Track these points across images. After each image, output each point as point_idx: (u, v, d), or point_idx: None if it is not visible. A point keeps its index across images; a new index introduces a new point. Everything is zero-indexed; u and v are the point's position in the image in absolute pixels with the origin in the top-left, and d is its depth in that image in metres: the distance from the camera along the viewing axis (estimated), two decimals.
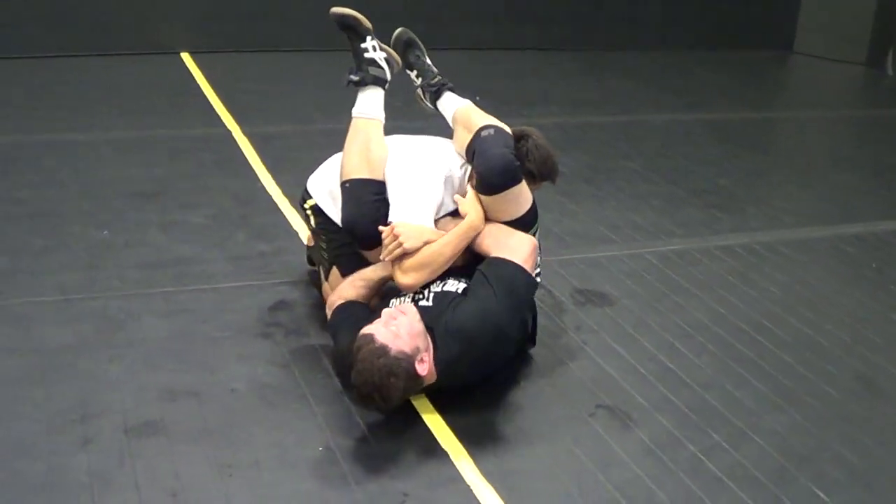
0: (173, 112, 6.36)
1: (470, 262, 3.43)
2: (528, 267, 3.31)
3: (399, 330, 3.01)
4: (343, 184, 3.58)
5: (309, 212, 3.76)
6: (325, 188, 3.72)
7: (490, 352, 3.22)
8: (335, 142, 5.77)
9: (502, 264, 3.27)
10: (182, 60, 7.70)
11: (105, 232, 4.45)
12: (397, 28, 4.01)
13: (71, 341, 3.50)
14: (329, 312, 3.48)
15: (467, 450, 3.04)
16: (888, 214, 5.55)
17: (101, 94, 6.73)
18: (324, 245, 3.75)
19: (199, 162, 5.44)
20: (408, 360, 2.98)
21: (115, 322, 3.66)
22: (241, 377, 3.37)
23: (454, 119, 3.74)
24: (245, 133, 5.97)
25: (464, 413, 3.22)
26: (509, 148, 3.43)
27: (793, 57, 10.11)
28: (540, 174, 3.65)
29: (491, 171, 3.37)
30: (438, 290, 3.31)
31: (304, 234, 4.46)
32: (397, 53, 3.97)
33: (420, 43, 3.99)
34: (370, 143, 3.61)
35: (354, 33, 3.83)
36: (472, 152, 3.46)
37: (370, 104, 3.74)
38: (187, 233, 4.52)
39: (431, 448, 3.05)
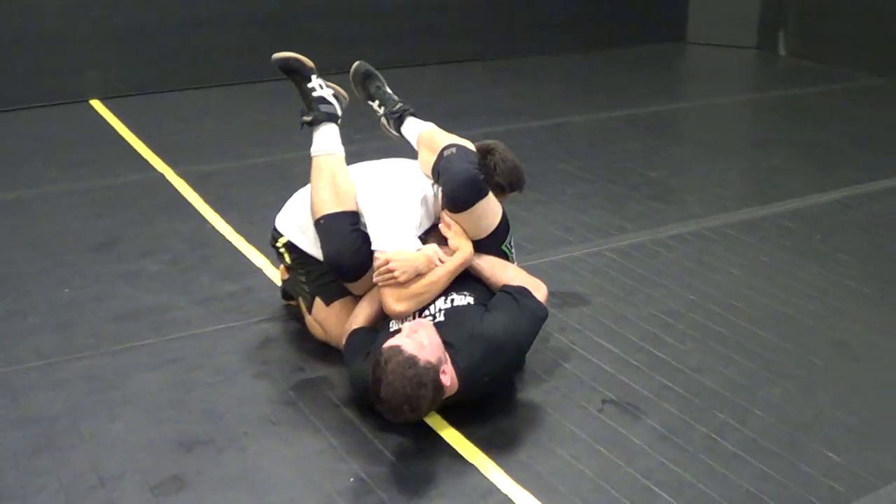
0: (102, 160, 6.22)
1: (463, 278, 3.49)
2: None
3: (423, 340, 3.04)
4: (317, 221, 3.58)
5: (282, 249, 3.80)
6: (294, 224, 3.75)
7: (509, 363, 3.31)
8: (273, 175, 5.89)
9: (529, 295, 3.40)
10: (93, 108, 7.54)
11: (66, 290, 4.35)
12: (354, 61, 4.09)
13: (65, 405, 3.41)
14: (342, 340, 3.52)
15: (494, 460, 3.08)
16: (816, 189, 5.78)
17: (23, 149, 6.55)
18: (303, 279, 3.76)
19: (143, 208, 5.35)
20: (435, 370, 3.00)
21: (104, 381, 3.59)
22: (250, 420, 3.34)
23: (418, 141, 3.79)
24: (179, 174, 5.89)
25: (479, 425, 3.26)
26: (473, 164, 3.48)
27: (687, 47, 10.40)
28: (509, 185, 3.74)
29: (456, 188, 3.43)
30: (448, 306, 3.35)
31: (273, 271, 4.46)
32: (357, 86, 4.04)
33: (378, 74, 4.04)
34: (335, 177, 3.61)
35: (299, 75, 3.85)
36: (438, 173, 3.51)
37: (327, 140, 3.73)
38: (150, 281, 4.45)
39: (458, 463, 3.09)
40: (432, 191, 3.62)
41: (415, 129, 3.84)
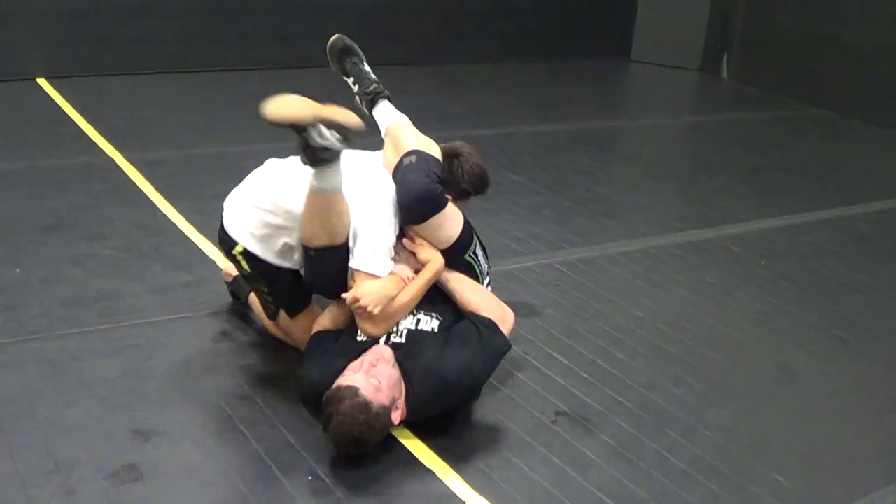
0: (49, 141, 6.12)
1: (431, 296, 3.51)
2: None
3: (380, 382, 3.04)
4: (306, 248, 3.39)
5: (239, 257, 3.56)
6: (245, 231, 3.51)
7: (462, 398, 3.33)
8: (221, 166, 5.87)
9: (495, 330, 3.38)
10: (40, 87, 7.41)
11: (17, 270, 4.28)
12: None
13: (19, 388, 3.36)
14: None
15: (451, 467, 3.12)
16: (761, 214, 5.94)
17: None
18: (265, 289, 3.62)
19: (91, 192, 5.28)
20: (386, 414, 3.04)
21: (57, 365, 3.54)
22: (207, 412, 3.33)
23: (386, 133, 3.74)
24: (128, 160, 5.82)
25: (437, 432, 3.28)
26: (430, 175, 3.42)
27: (631, 65, 10.57)
28: (474, 190, 3.73)
29: (410, 202, 3.39)
30: (412, 327, 3.35)
31: (223, 262, 4.43)
32: (333, 59, 3.95)
33: (357, 49, 3.95)
34: (330, 215, 3.31)
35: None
36: (396, 181, 3.46)
37: (323, 179, 3.25)
38: (102, 266, 4.40)
39: (417, 468, 3.11)
40: None
41: (386, 117, 3.78)
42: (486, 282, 3.72)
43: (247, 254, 3.51)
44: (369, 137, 3.47)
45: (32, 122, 6.52)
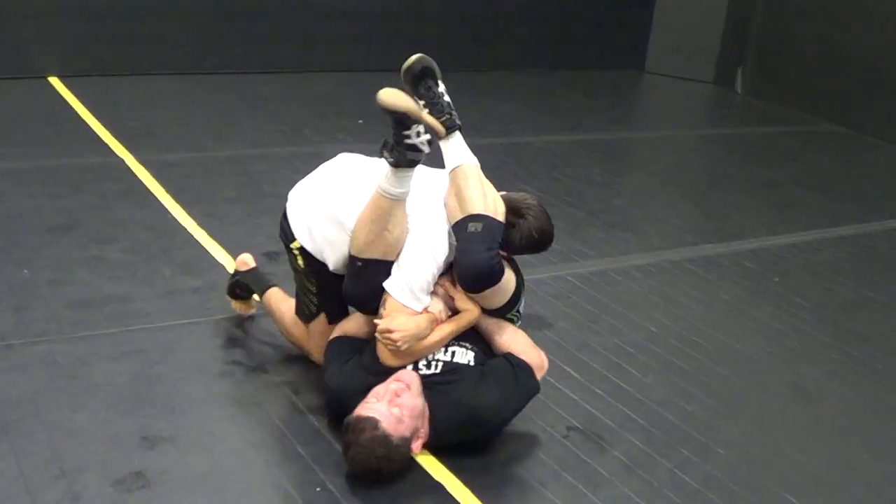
0: (61, 141, 6.10)
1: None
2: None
3: (402, 413, 3.01)
4: (354, 259, 3.33)
5: (296, 252, 3.52)
6: (308, 230, 3.47)
7: (485, 434, 3.27)
8: (234, 170, 5.84)
9: (530, 373, 3.32)
10: (52, 86, 7.39)
11: (25, 271, 4.25)
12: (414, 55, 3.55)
13: (25, 391, 3.33)
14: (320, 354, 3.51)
15: (461, 480, 3.09)
16: (775, 230, 5.90)
17: None
18: (314, 289, 3.55)
19: (103, 193, 5.26)
20: (406, 445, 3.02)
21: (66, 368, 3.51)
22: (216, 419, 3.30)
23: (453, 176, 3.40)
24: (140, 161, 5.79)
25: (448, 447, 3.22)
26: (492, 249, 3.24)
27: (646, 76, 10.53)
28: (529, 251, 3.55)
29: (467, 276, 3.27)
30: (448, 358, 3.28)
31: (230, 265, 4.41)
32: (407, 83, 3.55)
33: (435, 70, 3.52)
34: (388, 223, 3.25)
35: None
36: (456, 248, 3.32)
37: (397, 183, 3.22)
38: (111, 269, 4.37)
39: (426, 481, 3.08)
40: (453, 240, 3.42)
41: (454, 155, 3.43)
42: (518, 322, 3.59)
43: (304, 251, 3.48)
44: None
45: (44, 122, 6.50)
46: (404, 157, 3.15)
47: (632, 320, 4.42)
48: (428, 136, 3.18)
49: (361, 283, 3.33)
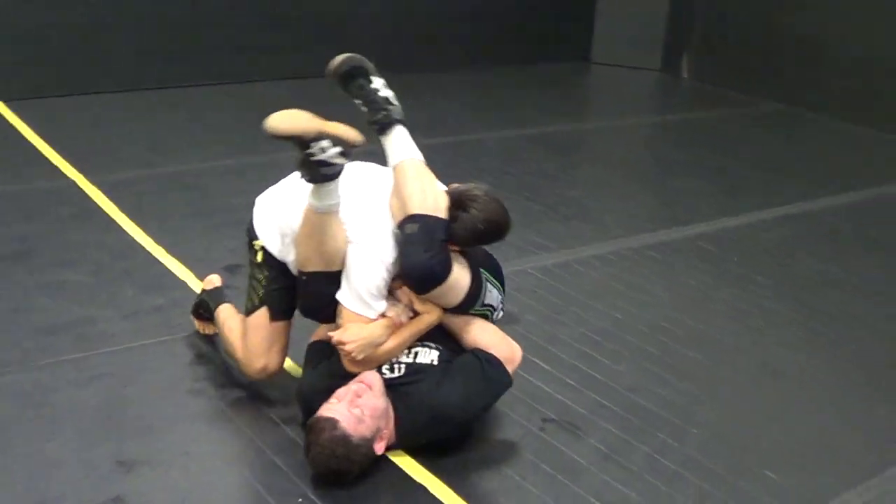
0: (8, 166, 6.00)
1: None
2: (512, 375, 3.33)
3: (363, 413, 2.99)
4: (300, 273, 3.36)
5: (257, 248, 3.50)
6: (268, 234, 3.46)
7: (453, 431, 3.25)
8: (186, 185, 5.79)
9: (498, 366, 3.26)
10: None
11: None
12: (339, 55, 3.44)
13: None
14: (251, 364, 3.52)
15: (442, 479, 3.09)
16: (728, 212, 5.97)
17: None
18: (263, 281, 3.51)
19: (57, 217, 5.19)
20: (367, 446, 3.00)
21: (33, 397, 3.46)
22: (190, 438, 3.27)
23: (394, 175, 3.33)
24: (92, 182, 5.72)
25: (425, 447, 3.22)
26: (432, 249, 3.16)
27: (592, 67, 10.59)
28: (477, 241, 3.38)
29: (411, 281, 3.23)
30: (410, 360, 3.26)
31: (195, 283, 4.39)
32: (338, 84, 3.48)
33: (364, 68, 3.41)
34: (323, 236, 3.24)
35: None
36: (398, 248, 3.25)
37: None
38: (72, 293, 4.32)
39: (406, 483, 3.08)
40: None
41: (395, 151, 3.35)
42: (498, 310, 3.56)
43: (265, 250, 3.47)
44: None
45: None
46: (318, 174, 3.10)
47: (597, 309, 4.45)
48: (338, 149, 3.08)
49: (310, 295, 3.35)
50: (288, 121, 3.06)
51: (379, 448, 3.05)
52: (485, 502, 3.00)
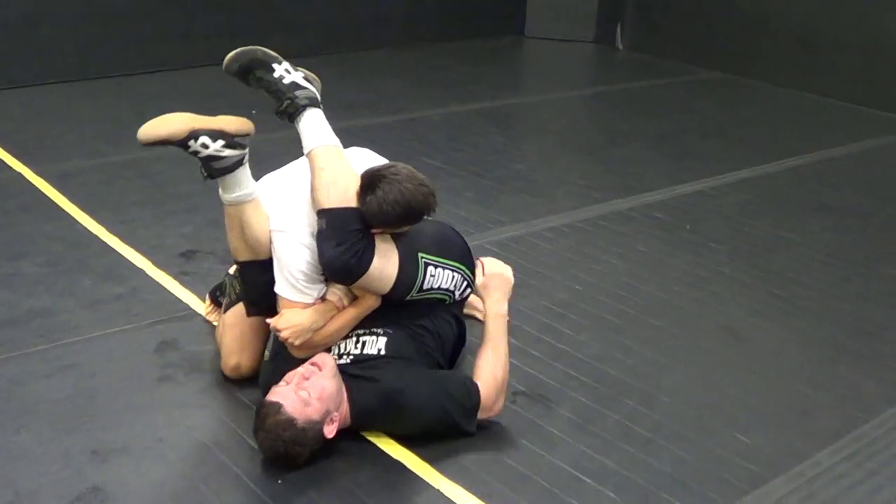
0: None
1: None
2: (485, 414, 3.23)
3: (309, 395, 2.94)
4: (235, 264, 3.51)
5: None
6: None
7: (404, 422, 3.18)
8: (135, 173, 5.73)
9: (470, 413, 3.17)
10: None
11: None
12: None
13: None
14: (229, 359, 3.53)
15: (419, 456, 3.11)
16: (676, 179, 6.04)
17: None
18: (238, 279, 3.56)
19: (5, 209, 5.09)
20: (315, 429, 2.95)
21: (0, 391, 3.42)
22: (164, 424, 3.25)
23: (309, 158, 3.25)
24: (38, 174, 5.62)
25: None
26: (344, 244, 3.09)
27: (526, 41, 10.61)
28: (393, 226, 3.22)
29: (331, 275, 3.22)
30: (357, 351, 3.23)
31: (156, 271, 4.36)
32: (238, 79, 3.38)
33: (258, 59, 3.32)
34: (242, 227, 3.31)
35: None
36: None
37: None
38: (29, 284, 4.25)
39: (384, 461, 3.10)
40: None
41: (306, 138, 3.25)
42: (460, 292, 3.49)
43: None
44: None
45: None
46: (212, 168, 3.25)
47: (556, 281, 4.49)
48: (221, 142, 3.20)
49: (246, 286, 3.44)
50: (156, 127, 3.21)
51: (329, 431, 2.99)
52: (464, 477, 3.02)
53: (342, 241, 3.10)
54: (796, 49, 8.66)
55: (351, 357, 3.22)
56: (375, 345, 3.25)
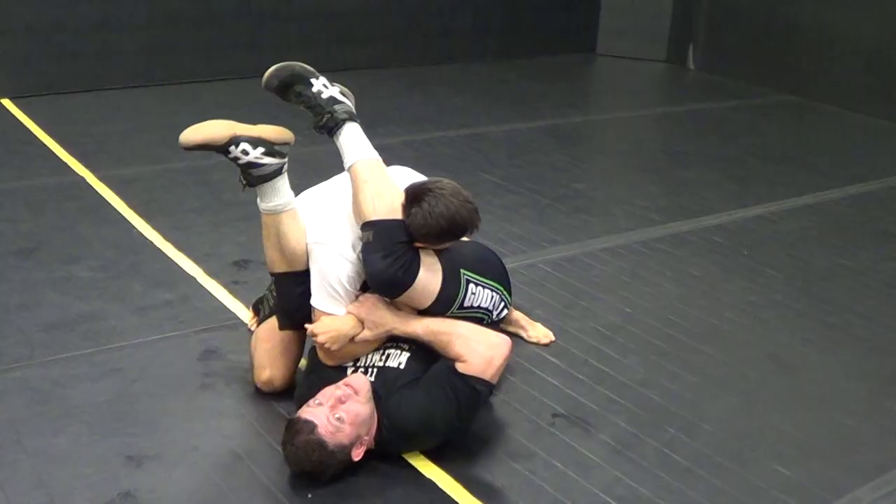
0: (16, 162, 6.00)
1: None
2: (495, 377, 3.11)
3: (343, 421, 2.92)
4: (271, 276, 3.51)
5: None
6: None
7: (426, 443, 3.17)
8: (195, 180, 5.78)
9: (469, 384, 3.04)
10: (4, 107, 7.27)
11: None
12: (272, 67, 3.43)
13: (4, 419, 3.28)
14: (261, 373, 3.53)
15: (452, 476, 3.08)
16: (738, 203, 5.94)
17: None
18: (272, 291, 3.61)
19: (64, 212, 5.19)
20: (344, 452, 2.94)
21: (43, 392, 3.46)
22: (200, 433, 3.27)
23: (350, 173, 3.27)
24: (99, 178, 5.73)
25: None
26: (390, 256, 3.09)
27: (597, 59, 10.55)
28: (438, 239, 3.20)
29: (376, 288, 3.22)
30: (381, 363, 3.22)
31: (207, 279, 4.40)
32: (277, 95, 3.42)
33: (296, 75, 3.37)
34: (279, 237, 3.32)
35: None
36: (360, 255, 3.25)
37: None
38: (80, 288, 4.32)
39: (416, 479, 3.07)
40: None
41: (348, 152, 3.28)
42: (497, 312, 3.51)
43: None
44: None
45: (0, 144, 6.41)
46: (251, 176, 3.29)
47: (607, 303, 4.43)
48: (261, 149, 3.26)
49: (282, 297, 3.44)
50: (198, 131, 3.24)
51: (357, 455, 2.99)
52: (496, 499, 2.99)
53: (389, 253, 3.10)
54: (867, 73, 8.47)
55: (376, 370, 3.21)
56: (398, 358, 3.23)
